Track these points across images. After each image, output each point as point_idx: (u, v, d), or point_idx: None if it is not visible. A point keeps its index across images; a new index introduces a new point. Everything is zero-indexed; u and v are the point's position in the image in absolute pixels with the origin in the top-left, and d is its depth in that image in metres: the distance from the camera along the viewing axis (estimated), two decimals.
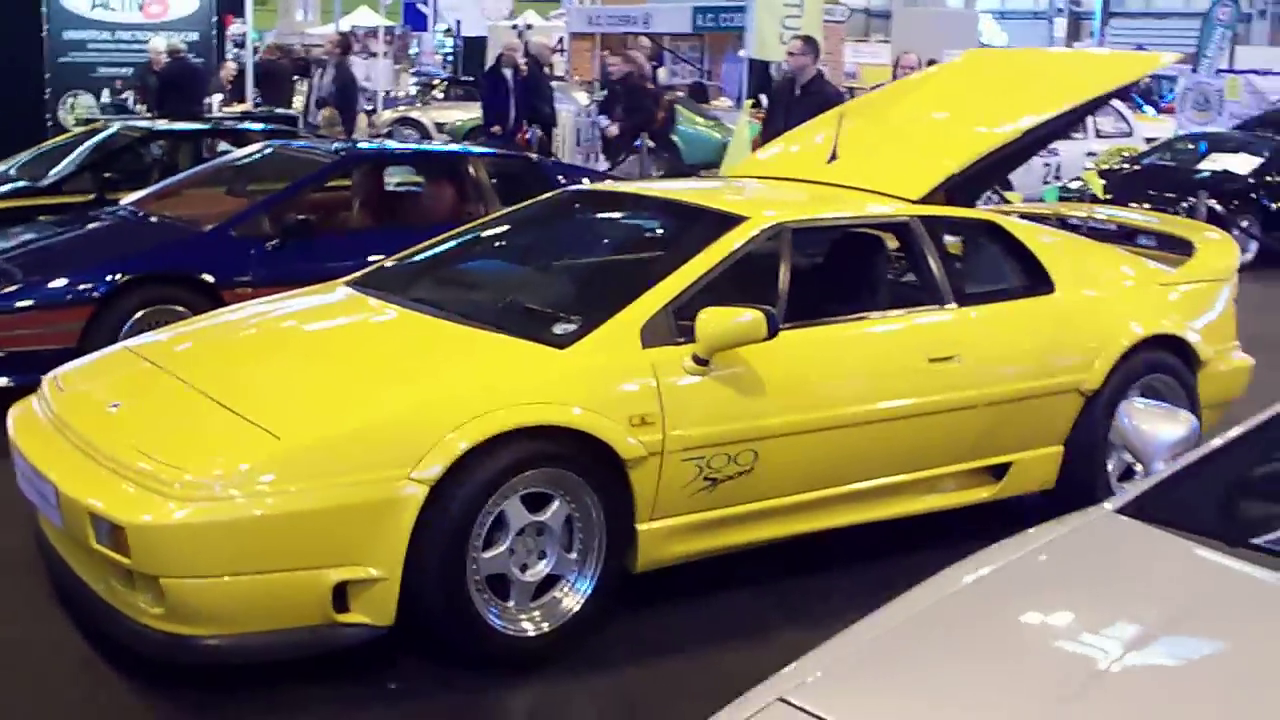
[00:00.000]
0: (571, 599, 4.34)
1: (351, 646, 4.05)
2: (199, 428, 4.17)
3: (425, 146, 9.93)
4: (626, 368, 4.40)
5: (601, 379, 4.37)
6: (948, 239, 5.60)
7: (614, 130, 13.45)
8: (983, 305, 5.32)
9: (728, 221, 4.95)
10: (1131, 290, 5.82)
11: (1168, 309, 5.82)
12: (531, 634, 4.24)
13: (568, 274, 5.41)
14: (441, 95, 23.52)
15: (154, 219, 7.57)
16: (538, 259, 5.61)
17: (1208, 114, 18.85)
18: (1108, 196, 13.19)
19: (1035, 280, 5.53)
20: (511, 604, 4.23)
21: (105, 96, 14.70)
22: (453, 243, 5.64)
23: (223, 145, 9.98)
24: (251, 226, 7.17)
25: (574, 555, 4.34)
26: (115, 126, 10.35)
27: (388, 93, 21.81)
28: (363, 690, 4.11)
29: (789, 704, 2.32)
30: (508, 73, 14.60)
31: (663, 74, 22.44)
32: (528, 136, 13.29)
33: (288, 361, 4.72)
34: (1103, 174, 14.53)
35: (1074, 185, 13.39)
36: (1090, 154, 16.01)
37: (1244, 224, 13.39)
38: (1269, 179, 13.87)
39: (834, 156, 5.85)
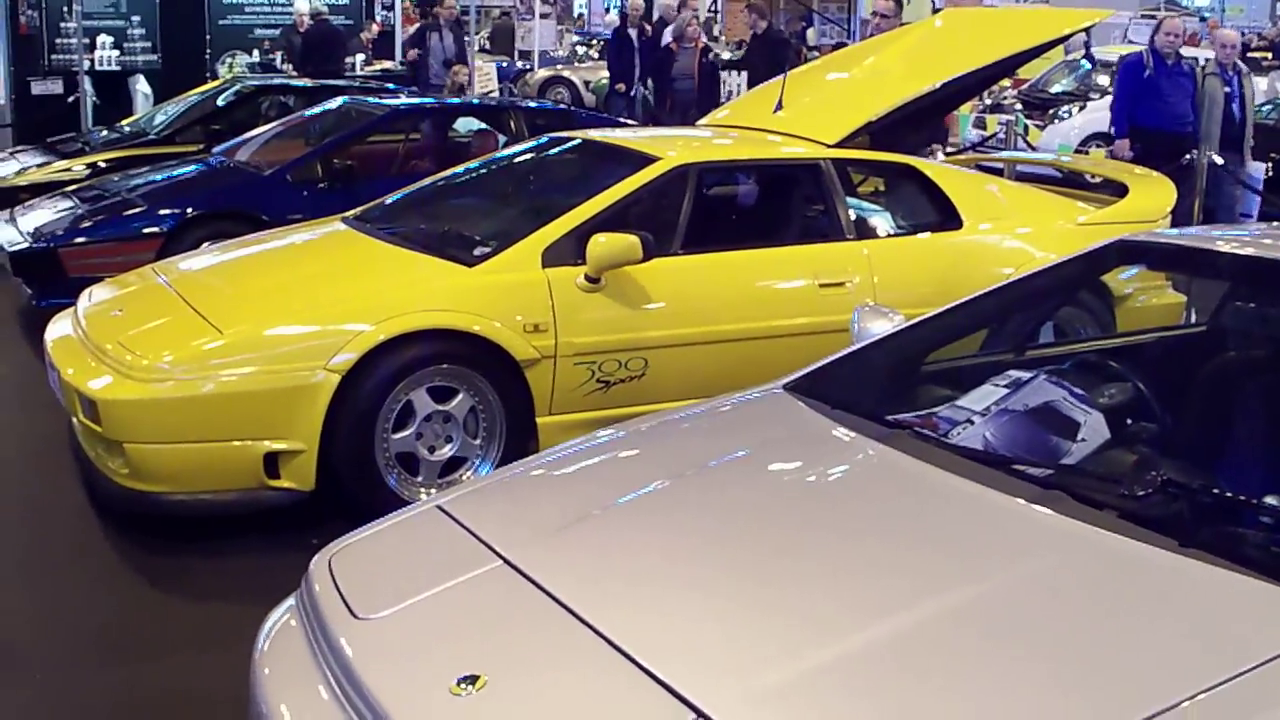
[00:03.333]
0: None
1: (280, 506, 4.95)
2: (169, 325, 5.11)
3: (471, 100, 10.74)
4: (525, 283, 5.19)
5: (502, 292, 5.17)
6: (871, 180, 6.23)
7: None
8: (883, 239, 5.94)
9: (642, 161, 5.69)
10: (1046, 227, 6.34)
11: (1083, 244, 6.30)
12: None
13: (506, 206, 6.18)
14: (597, 55, 24.44)
15: (231, 165, 8.60)
16: (490, 195, 6.41)
17: None
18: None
19: (945, 217, 6.12)
20: (420, 479, 5.08)
21: (255, 56, 15.93)
22: (433, 183, 6.49)
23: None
24: (304, 171, 8.17)
25: (478, 441, 5.17)
26: (237, 85, 11.45)
27: (545, 52, 22.76)
28: (289, 543, 4.97)
29: (442, 510, 3.09)
30: (632, 32, 15.37)
31: (811, 34, 22.93)
32: (633, 94, 14.02)
33: (256, 275, 5.65)
34: None
35: None
36: None
37: None
38: None
39: (779, 106, 6.53)
